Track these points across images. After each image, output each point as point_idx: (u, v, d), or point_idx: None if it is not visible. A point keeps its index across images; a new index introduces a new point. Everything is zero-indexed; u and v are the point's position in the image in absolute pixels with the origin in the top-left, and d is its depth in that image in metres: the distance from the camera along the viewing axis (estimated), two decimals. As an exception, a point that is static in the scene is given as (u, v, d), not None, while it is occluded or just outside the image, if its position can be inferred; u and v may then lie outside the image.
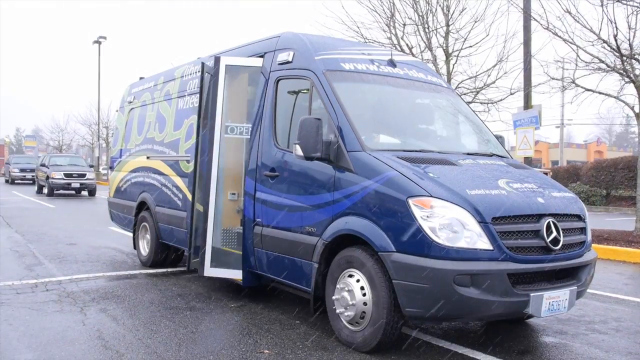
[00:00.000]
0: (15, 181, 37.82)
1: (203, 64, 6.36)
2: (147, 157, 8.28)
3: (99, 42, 40.67)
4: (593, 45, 10.76)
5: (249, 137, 5.99)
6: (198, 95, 7.06)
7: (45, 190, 26.10)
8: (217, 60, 5.89)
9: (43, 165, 27.66)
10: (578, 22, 10.55)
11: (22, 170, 37.62)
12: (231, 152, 6.59)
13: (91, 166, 29.91)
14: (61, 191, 26.02)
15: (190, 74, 7.42)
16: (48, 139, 63.72)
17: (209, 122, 5.89)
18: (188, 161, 7.05)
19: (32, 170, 35.42)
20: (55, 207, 19.35)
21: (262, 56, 6.03)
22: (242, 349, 4.53)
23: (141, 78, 9.51)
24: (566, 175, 25.50)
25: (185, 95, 7.42)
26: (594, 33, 10.49)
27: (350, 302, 4.51)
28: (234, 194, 6.71)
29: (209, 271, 5.89)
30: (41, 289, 6.59)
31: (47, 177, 25.39)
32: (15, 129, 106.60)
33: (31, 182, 35.87)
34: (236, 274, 5.97)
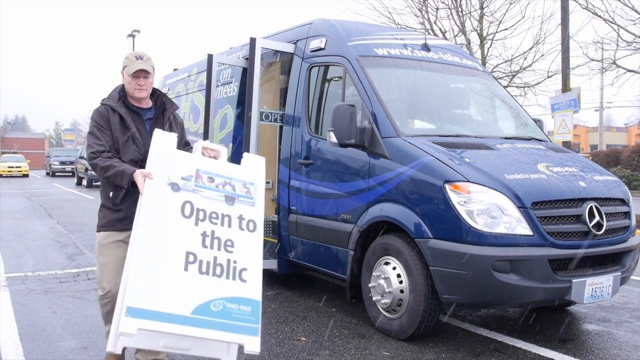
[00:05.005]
0: (56, 173, 38.81)
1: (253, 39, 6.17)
2: (182, 148, 8.35)
3: (133, 36, 41.19)
4: (635, 24, 10.41)
5: (283, 124, 5.98)
6: (231, 84, 7.10)
7: (84, 182, 26.69)
8: (252, 41, 5.88)
9: (82, 157, 28.26)
10: (619, 0, 10.21)
11: (61, 163, 38.58)
12: (265, 140, 6.61)
13: (128, 158, 30.41)
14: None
15: (223, 64, 7.44)
16: (86, 132, 65.17)
17: (245, 104, 5.87)
18: (222, 150, 7.09)
19: (72, 163, 36.25)
20: (94, 198, 19.77)
21: (294, 44, 6.00)
22: (279, 337, 4.55)
23: (175, 69, 9.59)
24: (606, 160, 24.85)
25: (218, 85, 7.45)
26: (636, 11, 10.14)
27: (387, 290, 4.48)
28: (268, 182, 6.74)
29: None
30: (83, 277, 6.74)
31: (86, 169, 25.93)
32: (54, 123, 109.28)
33: (71, 174, 36.74)
34: (272, 264, 5.99)
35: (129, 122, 3.38)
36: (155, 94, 3.58)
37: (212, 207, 3.11)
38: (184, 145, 3.62)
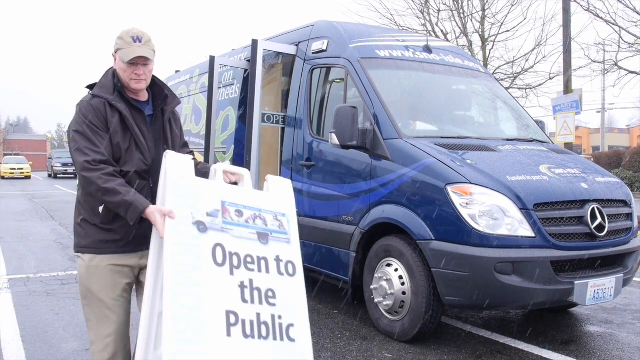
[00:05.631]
0: (58, 175, 38.85)
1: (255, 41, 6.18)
2: (184, 149, 8.36)
3: (135, 38, 41.24)
4: (637, 25, 10.41)
5: (284, 126, 5.98)
6: (233, 86, 7.11)
7: (86, 184, 26.70)
8: (254, 43, 5.90)
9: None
10: (620, 2, 10.22)
11: (64, 165, 38.60)
12: (266, 142, 6.61)
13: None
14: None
15: (225, 66, 7.45)
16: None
17: (247, 105, 5.88)
18: (224, 152, 7.10)
19: (74, 165, 36.26)
20: (96, 200, 19.76)
21: (296, 45, 6.01)
22: (281, 338, 4.54)
23: (177, 71, 9.60)
24: (608, 162, 24.82)
25: (220, 87, 7.46)
26: (638, 13, 10.13)
27: (389, 292, 4.48)
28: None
29: None
30: (85, 279, 6.74)
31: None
32: (56, 124, 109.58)
33: (73, 176, 36.76)
34: None
35: (131, 122, 2.64)
36: (155, 84, 2.81)
37: (245, 249, 2.52)
38: (183, 146, 3.02)
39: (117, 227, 2.61)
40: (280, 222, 2.69)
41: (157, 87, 2.80)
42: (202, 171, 2.77)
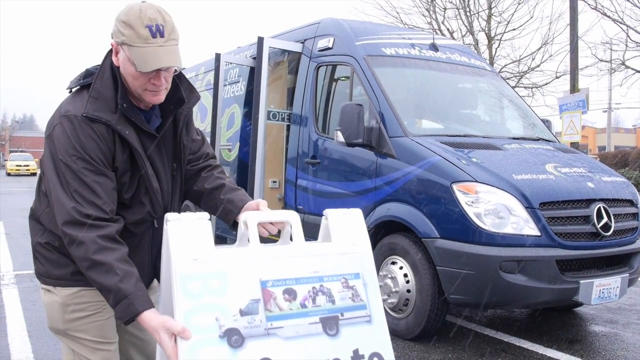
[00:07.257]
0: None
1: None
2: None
3: (140, 35, 41.34)
4: (644, 24, 10.37)
5: (290, 123, 5.99)
6: (238, 84, 7.12)
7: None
8: (260, 40, 5.91)
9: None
10: (628, 0, 10.18)
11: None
12: (272, 139, 6.62)
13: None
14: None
15: (231, 63, 7.46)
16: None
17: (253, 103, 5.90)
18: (230, 149, 7.12)
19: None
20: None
21: (302, 43, 6.01)
22: (285, 335, 4.54)
23: (182, 69, 9.60)
24: (614, 161, 24.68)
25: (226, 84, 7.47)
26: (645, 12, 10.09)
27: (394, 289, 4.48)
28: (275, 181, 6.75)
29: None
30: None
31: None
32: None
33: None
34: None
35: (143, 161, 1.80)
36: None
37: (307, 355, 1.59)
38: (205, 157, 2.14)
39: None
40: (354, 290, 1.74)
41: (172, 87, 1.86)
42: (228, 208, 1.95)
